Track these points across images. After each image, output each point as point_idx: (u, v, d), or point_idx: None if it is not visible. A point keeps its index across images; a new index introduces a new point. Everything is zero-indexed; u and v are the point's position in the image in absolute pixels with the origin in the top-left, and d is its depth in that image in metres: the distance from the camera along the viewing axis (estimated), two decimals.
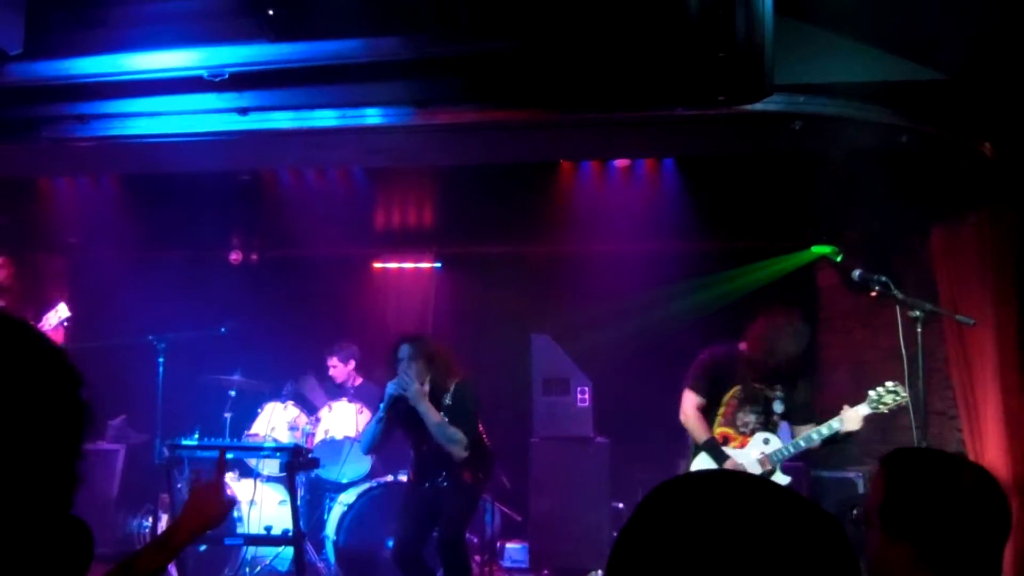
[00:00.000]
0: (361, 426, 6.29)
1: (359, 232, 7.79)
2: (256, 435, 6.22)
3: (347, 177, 6.51)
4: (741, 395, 4.64)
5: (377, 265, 8.22)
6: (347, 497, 5.88)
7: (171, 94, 4.43)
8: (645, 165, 6.27)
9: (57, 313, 5.75)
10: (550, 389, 6.26)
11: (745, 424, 4.63)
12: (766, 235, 7.17)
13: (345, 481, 6.17)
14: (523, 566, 6.27)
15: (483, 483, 5.02)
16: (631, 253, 7.27)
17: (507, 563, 6.31)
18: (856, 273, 4.41)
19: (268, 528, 5.52)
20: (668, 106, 4.31)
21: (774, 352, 4.55)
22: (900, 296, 4.28)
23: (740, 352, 4.70)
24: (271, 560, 5.85)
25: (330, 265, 7.98)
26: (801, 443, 4.49)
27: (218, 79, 4.13)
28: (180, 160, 5.32)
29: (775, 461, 4.52)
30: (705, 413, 4.69)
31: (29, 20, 3.96)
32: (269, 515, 5.78)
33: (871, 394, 4.39)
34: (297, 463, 4.91)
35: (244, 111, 4.49)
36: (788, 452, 4.52)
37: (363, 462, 6.12)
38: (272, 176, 6.53)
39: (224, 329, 5.93)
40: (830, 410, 4.56)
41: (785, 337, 4.55)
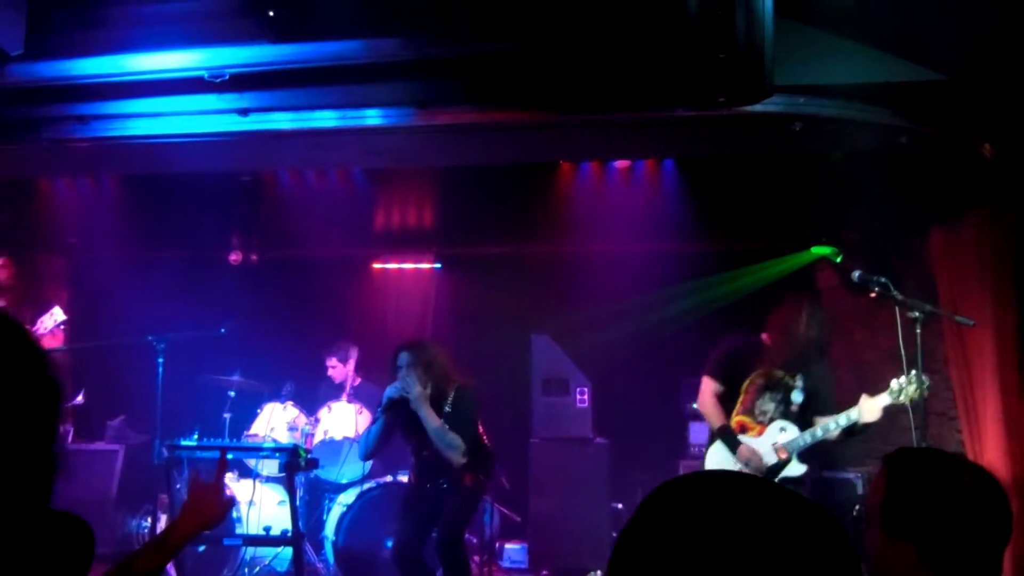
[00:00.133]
0: (360, 426, 6.29)
1: (359, 233, 7.79)
2: (255, 435, 6.23)
3: (347, 178, 6.51)
4: (761, 383, 4.60)
5: (377, 266, 8.22)
6: (346, 498, 5.88)
7: (172, 95, 4.44)
8: (645, 166, 6.27)
9: (53, 317, 5.76)
10: (549, 390, 6.26)
11: (763, 413, 4.59)
12: (766, 236, 7.17)
13: (344, 481, 6.17)
14: (522, 566, 6.26)
15: (484, 484, 5.02)
16: (631, 254, 7.27)
17: (506, 563, 6.31)
18: (856, 274, 4.41)
19: (267, 528, 5.53)
20: (668, 107, 4.31)
21: (796, 338, 4.51)
22: (900, 297, 4.28)
23: (761, 342, 4.68)
24: (270, 560, 5.85)
25: (330, 266, 7.98)
26: (818, 432, 4.43)
27: (219, 80, 4.14)
28: (180, 161, 5.32)
29: (791, 450, 4.48)
30: (723, 401, 4.67)
31: (30, 20, 3.97)
32: (268, 515, 5.78)
33: (893, 384, 4.29)
34: (296, 463, 4.91)
35: (244, 112, 4.50)
36: (805, 441, 4.46)
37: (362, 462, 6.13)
38: (272, 177, 6.53)
39: (224, 329, 5.92)
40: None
41: (806, 322, 4.52)
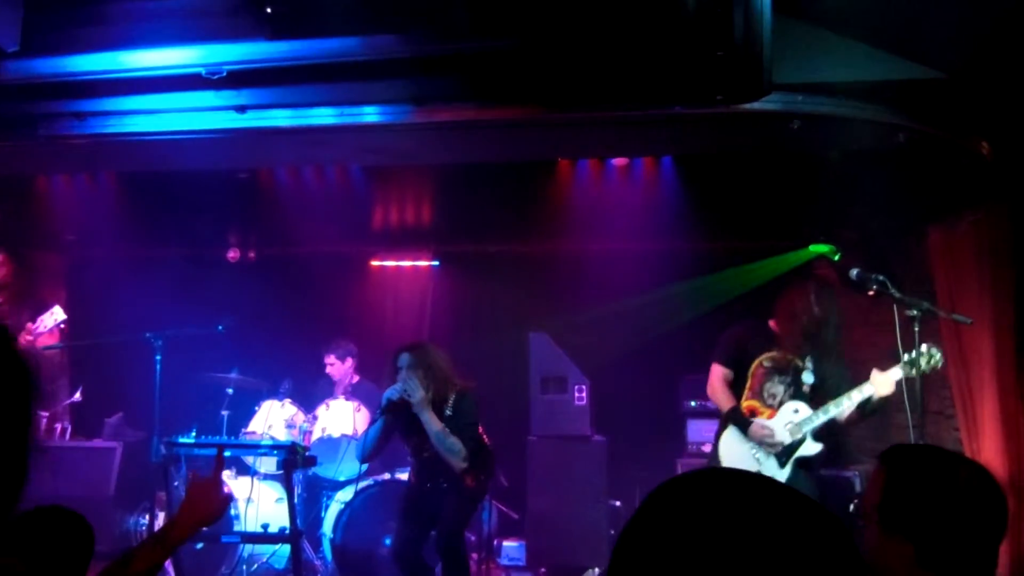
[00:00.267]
0: (358, 424, 6.29)
1: (357, 230, 7.78)
2: (253, 433, 6.22)
3: (345, 175, 6.49)
4: (769, 366, 4.59)
5: (375, 263, 8.22)
6: (344, 495, 5.88)
7: (169, 91, 4.43)
8: (643, 164, 6.26)
9: (53, 316, 5.75)
10: (548, 387, 6.25)
11: (772, 396, 4.57)
12: (764, 234, 7.16)
13: (342, 479, 6.16)
14: (520, 564, 6.26)
15: (485, 484, 5.01)
16: (629, 252, 7.27)
17: (504, 561, 6.31)
18: (854, 272, 4.40)
19: (265, 526, 5.53)
20: (666, 105, 4.30)
21: (803, 320, 4.50)
22: (897, 295, 4.28)
23: (767, 327, 4.68)
24: (268, 558, 5.85)
25: (328, 263, 7.97)
26: (831, 408, 4.40)
27: (216, 77, 4.13)
28: (178, 158, 5.31)
29: (805, 430, 4.46)
30: (732, 387, 4.66)
31: (26, 17, 3.96)
32: (266, 513, 5.78)
33: (904, 358, 4.27)
34: (294, 461, 4.91)
35: (242, 109, 4.49)
36: (819, 419, 4.44)
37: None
38: (270, 174, 6.51)
39: (221, 327, 5.91)
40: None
41: (812, 303, 4.51)
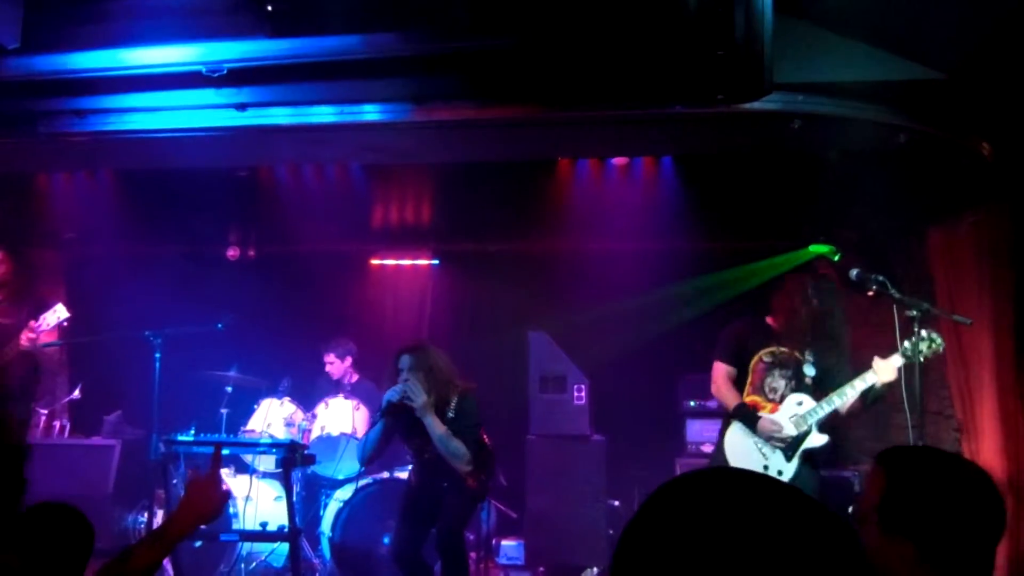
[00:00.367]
0: (357, 422, 6.29)
1: (356, 228, 7.77)
2: (252, 431, 6.22)
3: (345, 173, 6.49)
4: (769, 360, 4.58)
5: (374, 262, 8.21)
6: (343, 494, 5.88)
7: (169, 89, 4.43)
8: (643, 163, 6.27)
9: (56, 314, 5.73)
10: (547, 387, 6.24)
11: (774, 390, 4.56)
12: (764, 234, 7.16)
13: (341, 477, 6.16)
14: (519, 563, 6.26)
15: (487, 484, 4.99)
16: (628, 251, 7.26)
17: (503, 560, 6.31)
18: (854, 272, 4.40)
19: (264, 524, 5.51)
20: (667, 104, 4.30)
21: (801, 314, 4.51)
22: (897, 295, 4.28)
23: (766, 323, 4.68)
24: (266, 556, 5.85)
25: (327, 261, 7.96)
26: (835, 399, 4.40)
27: (216, 74, 4.13)
28: (178, 155, 5.31)
29: (810, 421, 4.44)
30: (735, 384, 4.65)
31: (27, 14, 3.96)
32: (265, 511, 5.77)
33: (905, 344, 4.26)
34: (293, 459, 4.90)
35: (242, 107, 4.49)
36: (823, 410, 4.43)
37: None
38: (270, 172, 6.51)
39: (221, 325, 5.90)
40: None
41: (809, 296, 4.51)
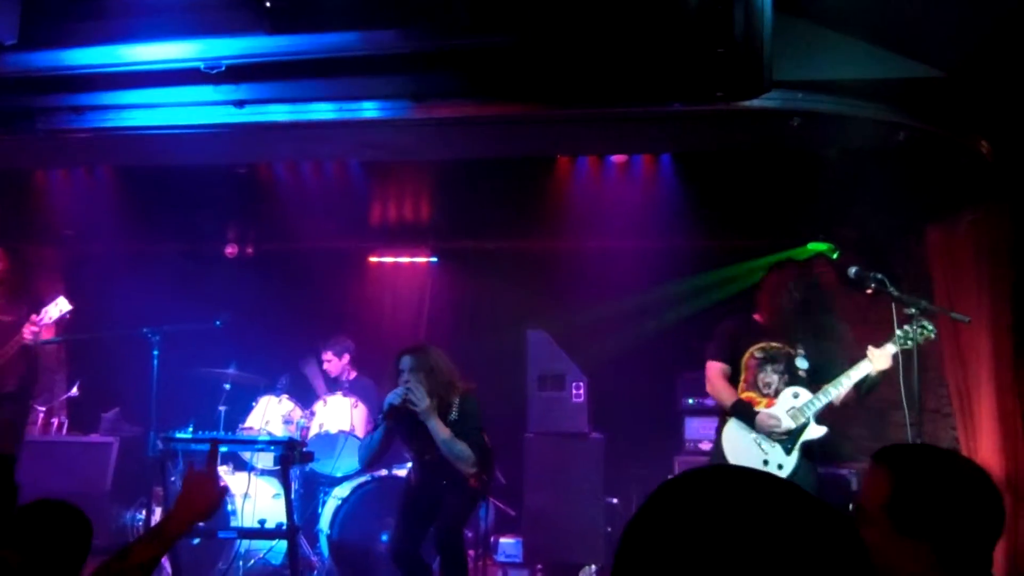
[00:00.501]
0: (356, 420, 6.29)
1: (355, 226, 7.76)
2: (250, 428, 6.21)
3: (343, 170, 6.48)
4: (760, 356, 4.59)
5: (373, 259, 8.20)
6: (341, 491, 5.88)
7: (167, 86, 4.42)
8: (642, 161, 6.25)
9: (58, 307, 5.72)
10: (545, 385, 6.24)
11: (767, 385, 4.57)
12: (763, 232, 7.15)
13: (339, 475, 6.16)
14: (517, 561, 6.26)
15: (488, 484, 4.98)
16: (627, 249, 7.26)
17: (501, 557, 6.30)
18: (852, 270, 4.40)
19: (262, 522, 5.52)
20: (666, 102, 4.29)
21: (784, 307, 4.53)
22: (896, 293, 4.28)
23: (755, 320, 4.70)
24: (264, 554, 5.84)
25: (326, 259, 7.96)
26: (831, 390, 4.42)
27: (215, 71, 4.12)
28: (176, 152, 5.30)
29: (808, 413, 4.45)
30: (729, 382, 4.66)
31: (25, 10, 3.95)
32: (263, 508, 5.77)
33: (898, 332, 4.30)
34: (291, 456, 4.90)
35: (241, 104, 4.48)
36: (820, 401, 4.45)
37: (357, 456, 6.12)
38: (268, 169, 6.50)
39: (219, 322, 5.90)
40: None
41: (791, 289, 4.53)
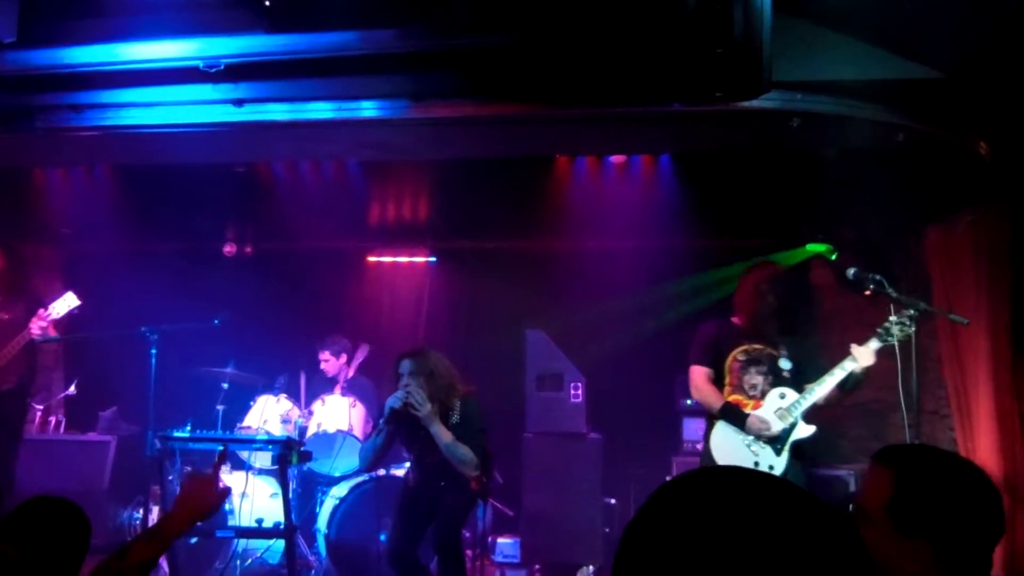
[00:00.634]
0: (354, 419, 6.28)
1: (354, 225, 7.75)
2: (248, 428, 6.21)
3: (342, 170, 6.48)
4: (743, 359, 4.59)
5: (371, 258, 8.20)
6: (339, 491, 5.87)
7: (166, 84, 4.41)
8: (641, 161, 6.26)
9: (66, 302, 5.70)
10: (544, 385, 6.23)
11: (753, 387, 4.57)
12: (761, 232, 7.15)
13: (337, 475, 6.16)
14: (515, 561, 6.26)
15: (487, 486, 4.97)
16: (626, 249, 7.26)
17: (499, 558, 6.30)
18: (851, 271, 4.41)
19: (259, 521, 5.52)
20: (665, 102, 4.29)
21: (760, 309, 4.54)
22: (894, 294, 4.29)
23: (734, 323, 4.70)
24: (262, 553, 5.84)
25: (324, 258, 7.96)
26: (816, 389, 4.41)
27: (214, 70, 4.12)
28: (175, 151, 5.29)
29: (795, 413, 4.45)
30: (715, 384, 4.65)
31: (23, 8, 3.94)
32: (260, 508, 5.76)
33: (879, 330, 4.32)
34: (289, 456, 4.89)
35: (239, 102, 4.47)
36: (807, 401, 4.44)
37: (355, 456, 6.10)
38: (267, 168, 6.50)
39: (217, 321, 5.90)
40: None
41: (764, 291, 4.54)
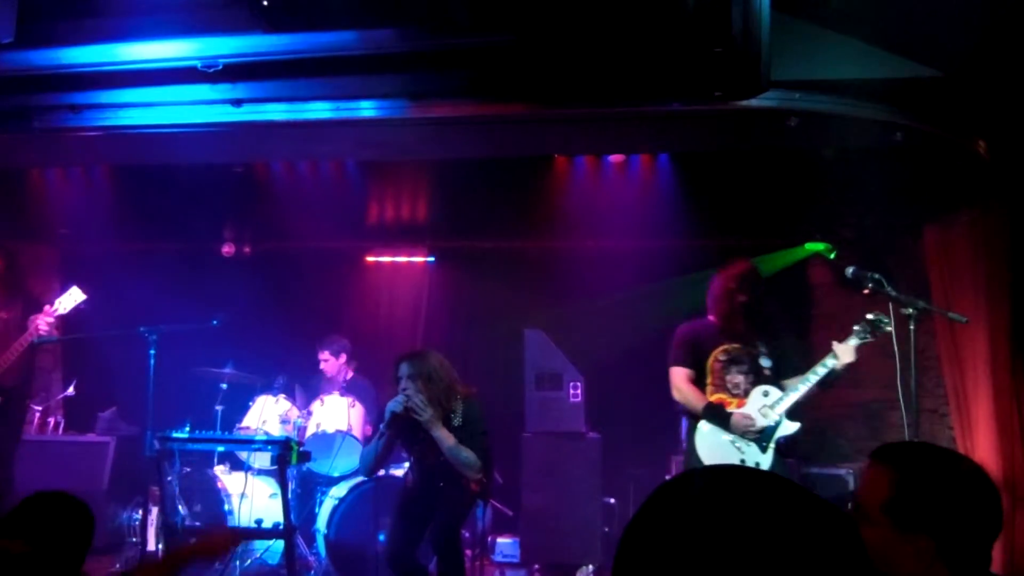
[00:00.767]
0: (353, 420, 6.28)
1: (352, 225, 7.76)
2: (247, 428, 6.20)
3: (341, 170, 6.48)
4: (724, 358, 4.59)
5: (370, 258, 8.19)
6: (338, 491, 5.87)
7: (164, 84, 4.41)
8: (640, 161, 6.26)
9: (72, 296, 5.69)
10: (542, 384, 6.23)
11: (736, 386, 4.57)
12: (760, 232, 7.16)
13: (336, 475, 6.15)
14: (514, 560, 6.26)
15: (488, 487, 4.96)
16: (625, 249, 7.26)
17: (498, 557, 6.31)
18: (849, 270, 4.41)
19: (259, 521, 5.51)
20: (663, 101, 4.30)
21: (732, 309, 4.55)
22: (893, 294, 4.29)
23: (711, 322, 4.69)
24: (261, 553, 5.83)
25: (323, 258, 7.95)
26: (799, 386, 4.42)
27: (212, 70, 4.11)
28: (173, 151, 5.29)
29: (779, 411, 4.45)
30: (695, 385, 4.65)
31: (21, 8, 3.93)
32: (260, 508, 5.76)
33: (856, 328, 4.38)
34: (288, 456, 4.89)
35: (238, 102, 4.47)
36: (789, 398, 4.45)
37: (355, 456, 6.10)
38: (265, 168, 6.50)
39: (216, 322, 5.89)
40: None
41: (736, 290, 4.55)
